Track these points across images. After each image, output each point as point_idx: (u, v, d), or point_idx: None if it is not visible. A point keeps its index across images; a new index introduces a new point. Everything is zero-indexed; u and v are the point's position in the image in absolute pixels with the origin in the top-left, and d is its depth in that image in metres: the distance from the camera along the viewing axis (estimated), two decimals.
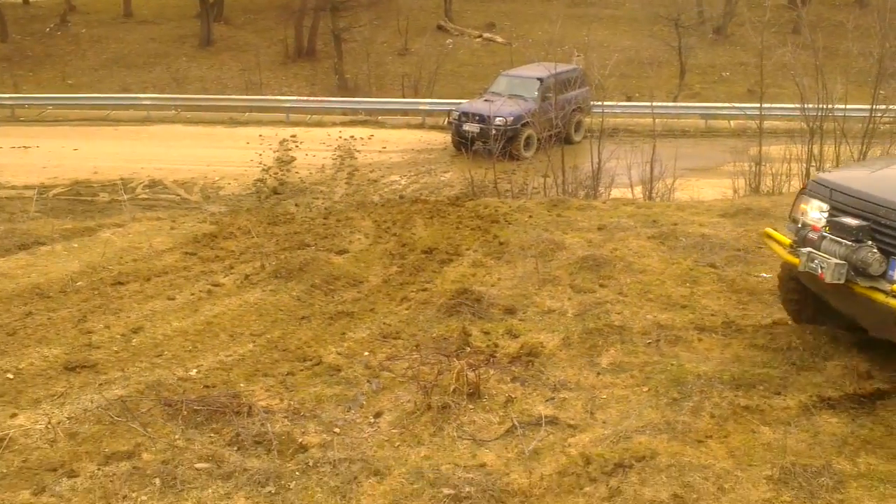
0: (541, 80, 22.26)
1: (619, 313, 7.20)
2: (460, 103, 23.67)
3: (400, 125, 26.18)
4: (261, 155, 22.10)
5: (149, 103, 28.58)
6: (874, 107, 14.85)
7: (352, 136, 24.25)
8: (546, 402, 5.76)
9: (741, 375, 5.94)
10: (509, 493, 4.68)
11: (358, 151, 22.76)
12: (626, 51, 31.93)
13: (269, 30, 37.86)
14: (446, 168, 21.17)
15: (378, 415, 5.66)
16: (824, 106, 14.81)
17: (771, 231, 6.42)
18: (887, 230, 5.39)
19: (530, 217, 10.47)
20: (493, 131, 19.41)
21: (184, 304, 7.76)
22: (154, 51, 36.22)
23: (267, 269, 8.66)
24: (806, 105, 15.19)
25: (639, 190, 15.45)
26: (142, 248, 9.55)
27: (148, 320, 7.35)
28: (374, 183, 19.80)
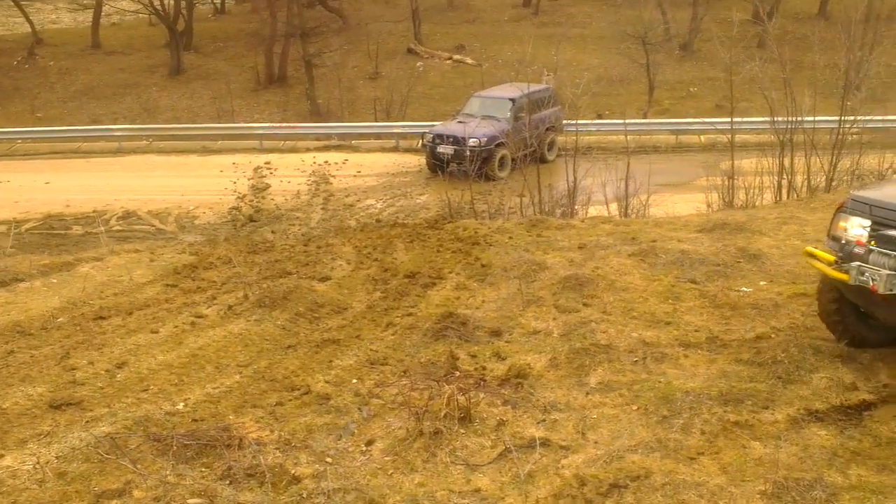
0: (513, 100, 22.38)
1: (604, 332, 7.24)
2: (434, 125, 23.72)
3: (374, 149, 26.18)
4: (235, 182, 22.02)
5: (120, 134, 28.35)
6: (842, 118, 15.09)
7: (326, 162, 24.22)
8: (537, 424, 5.78)
9: (729, 391, 5.99)
10: None
11: (333, 176, 22.74)
12: (594, 69, 32.25)
13: (239, 57, 37.81)
14: (422, 190, 21.20)
15: (370, 442, 5.64)
16: (794, 118, 15.04)
17: (812, 250, 6.49)
18: None
19: (510, 238, 10.50)
20: (468, 153, 19.46)
21: (168, 337, 7.71)
22: (123, 81, 36.00)
23: (250, 298, 8.62)
24: (776, 118, 15.41)
25: (614, 207, 15.53)
26: (122, 282, 9.50)
27: (132, 355, 7.29)
28: (351, 207, 19.78)
